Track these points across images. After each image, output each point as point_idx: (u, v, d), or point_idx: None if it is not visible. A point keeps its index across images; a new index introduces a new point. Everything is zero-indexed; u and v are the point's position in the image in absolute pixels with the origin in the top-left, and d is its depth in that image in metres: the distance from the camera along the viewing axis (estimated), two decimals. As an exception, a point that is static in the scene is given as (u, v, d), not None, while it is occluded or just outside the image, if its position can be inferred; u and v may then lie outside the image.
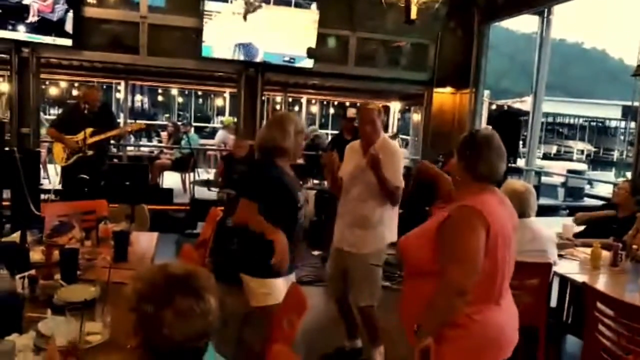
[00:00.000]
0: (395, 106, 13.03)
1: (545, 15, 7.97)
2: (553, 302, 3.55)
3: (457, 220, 1.84)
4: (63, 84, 13.52)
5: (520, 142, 9.56)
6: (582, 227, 4.16)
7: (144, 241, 3.29)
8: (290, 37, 7.05)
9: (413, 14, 5.58)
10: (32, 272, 2.27)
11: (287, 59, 7.08)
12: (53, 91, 13.47)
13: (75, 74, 9.20)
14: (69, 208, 3.55)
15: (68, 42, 6.39)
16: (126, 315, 1.19)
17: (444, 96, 8.04)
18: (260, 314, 2.50)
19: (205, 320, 1.18)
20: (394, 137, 11.62)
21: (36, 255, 2.59)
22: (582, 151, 29.49)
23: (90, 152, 5.18)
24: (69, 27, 6.33)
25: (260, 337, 2.24)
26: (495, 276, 1.88)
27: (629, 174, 6.18)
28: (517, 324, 2.05)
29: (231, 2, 6.75)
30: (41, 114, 12.11)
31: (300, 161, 9.69)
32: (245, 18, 6.79)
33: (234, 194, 5.88)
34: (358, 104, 11.92)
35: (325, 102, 17.65)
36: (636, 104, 5.27)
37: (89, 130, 5.15)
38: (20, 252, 2.43)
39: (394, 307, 2.12)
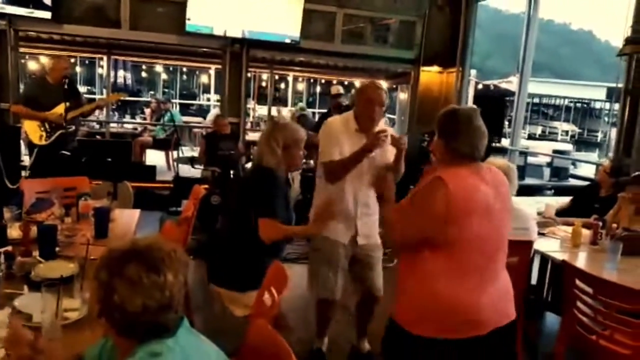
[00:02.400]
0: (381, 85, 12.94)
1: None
2: (533, 280, 3.61)
3: (422, 187, 1.92)
4: (43, 59, 13.20)
5: (506, 122, 9.61)
6: (564, 205, 4.20)
7: (126, 218, 3.26)
8: (275, 13, 6.94)
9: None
10: (9, 248, 2.24)
11: (272, 35, 6.98)
12: (33, 66, 13.15)
13: (56, 48, 8.95)
14: (49, 184, 3.50)
15: (47, 14, 6.21)
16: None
17: (430, 75, 8.01)
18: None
19: (161, 294, 1.16)
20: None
21: (14, 231, 2.55)
22: (567, 132, 29.71)
23: (71, 128, 4.99)
24: (47, -1, 6.16)
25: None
26: (466, 248, 1.86)
27: (611, 155, 6.24)
28: (504, 305, 1.98)
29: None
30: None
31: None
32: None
33: (219, 171, 5.87)
34: (359, 83, 11.82)
35: (312, 80, 17.50)
36: (620, 85, 5.28)
37: (63, 105, 4.83)
38: (-3, 228, 2.39)
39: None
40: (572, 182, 10.18)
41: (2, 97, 6.42)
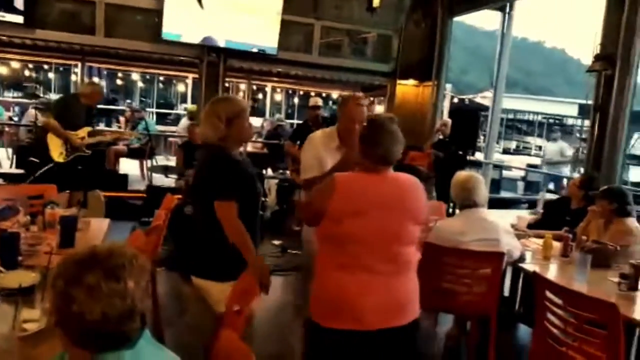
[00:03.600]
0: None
1: (507, 10, 8.10)
2: (506, 292, 3.63)
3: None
4: (15, 65, 12.97)
5: (481, 137, 9.75)
6: (536, 217, 4.25)
7: (95, 227, 3.18)
8: (253, 24, 6.93)
9: (375, 2, 5.56)
10: (-32, 257, 2.15)
11: (250, 46, 6.97)
12: (3, 71, 12.88)
13: (29, 53, 8.81)
14: (15, 191, 3.40)
15: (19, 19, 6.11)
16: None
17: (407, 88, 8.09)
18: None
19: (122, 302, 1.12)
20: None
21: (-26, 239, 2.45)
22: (540, 147, 30.27)
23: (88, 152, 4.93)
24: (19, 3, 6.04)
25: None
26: (347, 243, 1.97)
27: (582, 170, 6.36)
28: (394, 308, 2.04)
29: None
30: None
31: (263, 150, 9.63)
32: (200, 3, 6.62)
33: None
34: (340, 95, 11.84)
35: (290, 91, 17.52)
36: (590, 102, 5.40)
37: (87, 129, 4.90)
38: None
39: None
40: (547, 196, 10.33)
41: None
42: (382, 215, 1.99)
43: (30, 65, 15.04)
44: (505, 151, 25.40)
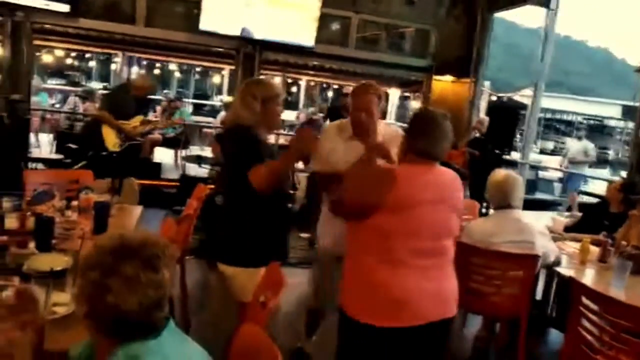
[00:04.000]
0: (394, 92, 12.92)
1: (552, 7, 7.86)
2: (538, 295, 3.53)
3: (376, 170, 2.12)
4: (59, 53, 13.34)
5: (518, 136, 9.52)
6: (573, 220, 4.12)
7: (128, 214, 3.23)
8: (291, 17, 6.92)
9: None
10: (4, 238, 2.21)
11: (286, 39, 6.96)
12: (48, 59, 13.26)
13: (71, 42, 9.04)
14: (52, 176, 3.48)
15: (64, 7, 6.25)
16: (77, 282, 1.15)
17: (443, 84, 7.96)
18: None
19: (155, 291, 1.12)
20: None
21: (11, 222, 2.52)
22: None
23: (142, 140, 5.09)
24: (65, -8, 6.19)
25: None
26: (401, 235, 1.93)
27: (623, 173, 6.14)
28: (443, 295, 2.02)
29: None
30: (39, 80, 12.01)
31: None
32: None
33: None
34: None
35: (325, 85, 17.49)
36: (637, 104, 5.19)
37: (139, 118, 5.06)
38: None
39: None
40: (583, 197, 10.04)
41: (15, 89, 6.45)
42: (434, 207, 1.98)
43: (73, 54, 15.44)
44: (542, 151, 24.80)
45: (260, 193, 2.21)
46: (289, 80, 14.40)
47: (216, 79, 18.36)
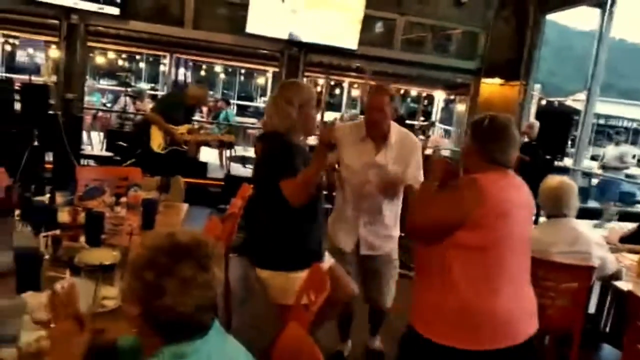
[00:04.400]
0: (439, 95, 12.72)
1: (608, 7, 7.53)
2: (592, 308, 3.37)
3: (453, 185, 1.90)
4: (110, 54, 13.79)
5: (570, 142, 9.18)
6: (631, 230, 3.92)
7: (175, 211, 3.29)
8: (335, 19, 6.91)
9: (464, -4, 5.35)
10: (57, 232, 2.27)
11: (330, 41, 6.96)
12: (100, 60, 13.75)
13: (122, 43, 9.32)
14: (102, 173, 3.58)
15: (115, 10, 6.45)
16: (128, 283, 1.13)
17: (491, 87, 7.77)
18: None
19: (209, 291, 1.11)
20: (429, 126, 11.38)
21: (64, 216, 2.60)
22: (634, 156, 28.23)
23: (185, 148, 5.17)
24: (117, -5, 6.39)
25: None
26: (492, 249, 1.80)
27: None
28: (529, 317, 1.89)
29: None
30: (92, 82, 12.46)
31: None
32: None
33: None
34: (415, 92, 11.64)
35: (368, 87, 17.39)
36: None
37: (187, 126, 5.13)
38: (48, 212, 2.43)
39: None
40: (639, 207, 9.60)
41: (69, 88, 6.69)
42: (520, 215, 1.88)
43: (124, 55, 15.93)
44: (594, 158, 23.90)
45: (295, 206, 2.18)
46: (332, 83, 14.39)
47: (260, 81, 18.54)
